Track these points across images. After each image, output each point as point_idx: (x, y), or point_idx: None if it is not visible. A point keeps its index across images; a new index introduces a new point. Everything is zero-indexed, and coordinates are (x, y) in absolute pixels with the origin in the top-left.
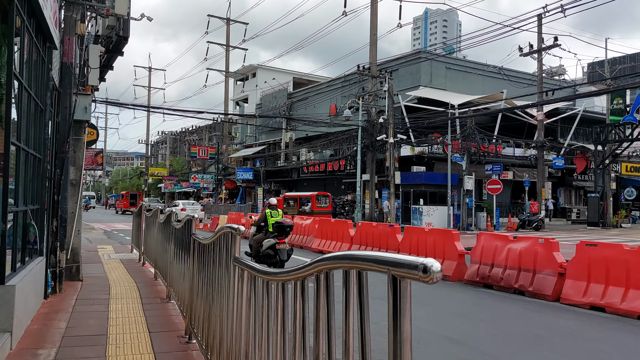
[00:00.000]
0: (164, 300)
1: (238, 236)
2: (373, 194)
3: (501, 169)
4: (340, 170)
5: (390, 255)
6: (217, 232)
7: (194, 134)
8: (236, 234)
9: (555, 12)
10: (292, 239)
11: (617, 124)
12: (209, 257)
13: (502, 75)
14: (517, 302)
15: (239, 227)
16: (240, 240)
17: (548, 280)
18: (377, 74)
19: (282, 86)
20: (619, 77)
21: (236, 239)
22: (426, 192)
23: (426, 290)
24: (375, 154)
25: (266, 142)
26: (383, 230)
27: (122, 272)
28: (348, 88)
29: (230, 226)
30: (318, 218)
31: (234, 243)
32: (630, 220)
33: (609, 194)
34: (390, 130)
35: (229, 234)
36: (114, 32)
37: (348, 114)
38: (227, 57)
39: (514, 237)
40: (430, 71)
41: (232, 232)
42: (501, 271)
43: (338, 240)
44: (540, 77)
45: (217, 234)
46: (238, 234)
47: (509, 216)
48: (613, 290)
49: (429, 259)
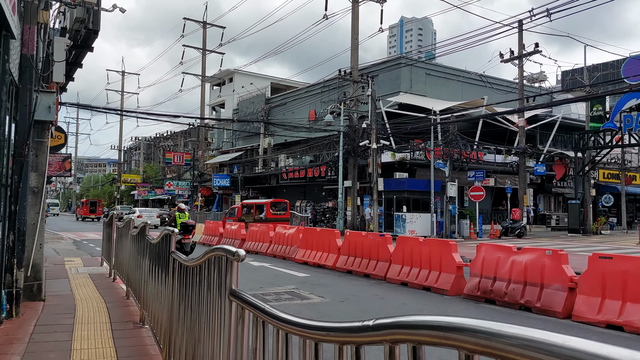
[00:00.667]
0: (137, 325)
1: (236, 262)
2: (355, 200)
3: (484, 175)
4: (320, 177)
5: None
6: (207, 253)
7: (168, 140)
8: (233, 259)
9: (540, 16)
10: (273, 249)
11: (597, 130)
12: (195, 282)
13: (482, 81)
14: (528, 320)
15: (237, 250)
16: (238, 265)
17: (558, 295)
18: (358, 78)
19: (260, 91)
20: (597, 84)
21: (233, 267)
22: (409, 199)
23: (426, 307)
24: (357, 160)
25: (243, 148)
26: (373, 240)
27: (91, 289)
28: (327, 93)
29: (226, 249)
30: (273, 225)
31: (230, 271)
32: (609, 227)
33: (588, 200)
34: (373, 135)
35: (222, 258)
36: (83, 25)
37: (329, 119)
38: (204, 61)
39: (517, 248)
40: (410, 77)
41: (227, 257)
42: (505, 285)
43: (324, 251)
44: (521, 84)
45: (206, 255)
46: (236, 260)
47: (491, 223)
48: (631, 307)
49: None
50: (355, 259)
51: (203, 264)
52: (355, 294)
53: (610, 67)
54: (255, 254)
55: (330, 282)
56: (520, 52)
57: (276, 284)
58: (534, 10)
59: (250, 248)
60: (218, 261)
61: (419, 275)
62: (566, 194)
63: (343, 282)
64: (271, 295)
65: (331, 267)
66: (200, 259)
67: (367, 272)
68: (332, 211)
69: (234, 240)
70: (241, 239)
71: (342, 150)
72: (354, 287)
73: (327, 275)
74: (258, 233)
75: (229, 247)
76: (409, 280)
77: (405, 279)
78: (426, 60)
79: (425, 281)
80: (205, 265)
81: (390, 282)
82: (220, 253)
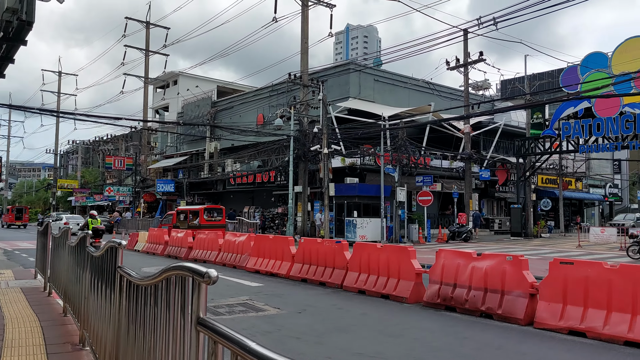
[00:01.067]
0: (76, 347)
1: (205, 285)
2: (305, 206)
3: (431, 180)
4: (270, 182)
5: None
6: (165, 272)
7: (109, 144)
8: (202, 282)
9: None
10: (223, 258)
11: (537, 137)
12: (149, 304)
13: (429, 88)
14: (490, 327)
15: (208, 271)
16: (207, 288)
17: (519, 302)
18: (308, 83)
19: (206, 94)
20: (537, 92)
21: (201, 291)
22: (360, 204)
23: (387, 316)
24: (307, 164)
25: (188, 152)
26: (329, 247)
27: (23, 305)
28: (276, 97)
29: (192, 268)
30: (207, 231)
31: (198, 296)
32: (548, 230)
33: (529, 205)
34: (324, 140)
35: (186, 279)
36: (15, 16)
37: (279, 122)
38: (147, 62)
39: (477, 254)
40: (359, 83)
41: (192, 278)
42: (465, 292)
43: (277, 259)
44: (467, 91)
45: (164, 274)
46: (206, 283)
47: (439, 227)
48: (594, 313)
49: None
50: (311, 267)
51: (160, 284)
52: (312, 304)
53: (549, 76)
54: (203, 263)
55: (285, 292)
56: (465, 60)
57: (228, 295)
58: (481, 18)
59: (197, 256)
60: (181, 282)
61: (376, 283)
62: (508, 198)
63: (298, 291)
64: (223, 307)
65: (285, 276)
66: (156, 277)
67: (323, 280)
68: (282, 217)
69: (180, 249)
70: (188, 247)
71: (293, 155)
72: (311, 296)
73: (281, 284)
74: (206, 241)
75: (196, 266)
76: (367, 288)
77: (362, 287)
78: (374, 67)
79: (383, 289)
80: (163, 286)
81: (347, 290)
82: (184, 273)
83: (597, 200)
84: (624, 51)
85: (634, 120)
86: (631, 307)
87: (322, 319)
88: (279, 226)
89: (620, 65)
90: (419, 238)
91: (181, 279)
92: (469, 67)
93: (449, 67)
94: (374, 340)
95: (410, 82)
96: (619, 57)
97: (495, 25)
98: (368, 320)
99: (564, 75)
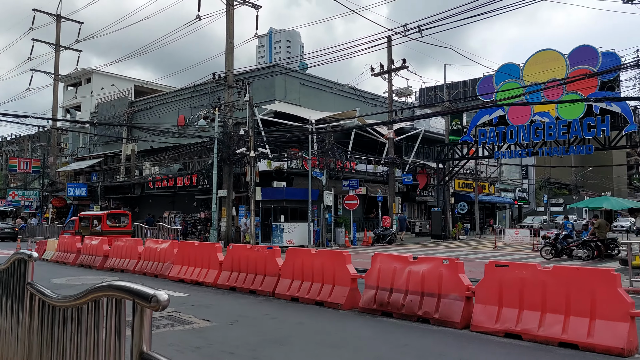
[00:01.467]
0: None
1: (148, 310)
2: (230, 211)
3: (357, 184)
4: (192, 186)
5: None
6: (92, 292)
7: (13, 144)
8: (147, 307)
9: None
10: (143, 267)
11: (456, 143)
12: (70, 330)
13: (355, 94)
14: (427, 332)
15: (156, 294)
16: (152, 314)
17: (455, 305)
18: (233, 84)
19: (123, 94)
20: (455, 100)
21: (144, 318)
22: (287, 208)
23: (325, 325)
24: (232, 168)
25: (103, 154)
26: (260, 253)
27: None
28: (198, 98)
29: (134, 289)
30: (112, 237)
31: (141, 325)
32: (464, 232)
33: (448, 208)
34: (251, 142)
35: (122, 301)
36: None
37: (203, 124)
38: (57, 58)
39: (414, 257)
40: (285, 86)
41: (134, 302)
42: (402, 297)
43: (204, 267)
44: (390, 97)
45: (90, 295)
46: (152, 308)
47: (364, 231)
48: (528, 315)
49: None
50: (240, 275)
51: (86, 307)
52: (244, 315)
53: (466, 85)
54: (120, 272)
55: (213, 302)
56: (389, 67)
57: None
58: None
59: (114, 265)
60: (116, 306)
61: (310, 290)
62: (428, 202)
63: (228, 300)
64: None
65: (212, 285)
66: (80, 298)
67: (253, 288)
68: (205, 222)
69: (94, 257)
70: (104, 255)
71: (217, 158)
72: (241, 306)
73: (209, 293)
74: (124, 248)
75: (138, 286)
76: (300, 295)
77: (296, 294)
78: (300, 70)
79: (317, 295)
80: (90, 309)
81: (279, 298)
82: (121, 295)
83: (508, 204)
84: (534, 63)
85: (544, 128)
86: (564, 308)
87: (256, 330)
88: (201, 232)
89: (531, 76)
90: (346, 241)
91: (115, 302)
92: (392, 74)
93: (373, 73)
94: (313, 352)
95: (335, 87)
96: (530, 68)
97: (420, 32)
98: (305, 330)
99: (480, 84)
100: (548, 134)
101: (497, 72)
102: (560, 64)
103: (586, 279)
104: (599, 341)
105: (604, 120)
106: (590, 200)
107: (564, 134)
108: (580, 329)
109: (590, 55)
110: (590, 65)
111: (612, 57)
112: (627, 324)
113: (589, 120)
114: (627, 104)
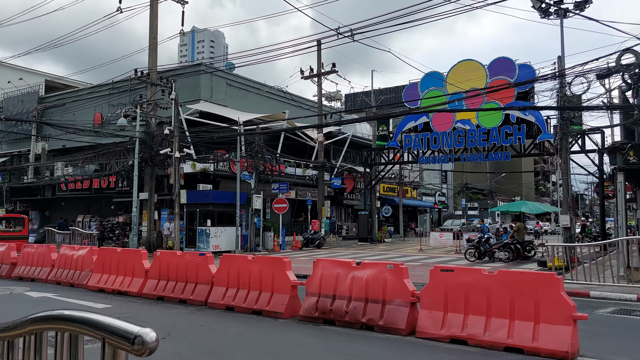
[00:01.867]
0: None
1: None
2: (152, 214)
3: (287, 188)
4: (110, 188)
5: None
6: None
7: None
8: (129, 351)
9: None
10: (57, 275)
11: (382, 148)
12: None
13: (283, 96)
14: (371, 340)
15: (140, 332)
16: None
17: (400, 311)
18: (157, 81)
19: (32, 88)
20: (382, 106)
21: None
22: (214, 212)
23: (265, 336)
24: (154, 169)
25: (9, 153)
26: (191, 260)
27: None
28: (117, 96)
29: (103, 323)
30: (13, 243)
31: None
32: (389, 235)
33: (374, 212)
34: (176, 143)
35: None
36: None
37: (123, 122)
38: None
39: (357, 263)
40: (211, 86)
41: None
42: (345, 304)
43: (127, 275)
44: (320, 101)
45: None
46: (135, 352)
47: (293, 235)
48: (474, 320)
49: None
50: (168, 283)
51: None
52: (177, 326)
53: (392, 91)
54: (31, 282)
55: (140, 313)
56: (319, 70)
57: None
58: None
59: (24, 274)
60: (72, 343)
61: (247, 298)
62: (355, 205)
63: (156, 311)
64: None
65: (137, 294)
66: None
67: (184, 298)
68: (123, 227)
69: (0, 265)
70: (11, 262)
71: (138, 159)
72: (172, 316)
73: (134, 304)
74: (35, 255)
75: (112, 320)
76: (236, 304)
77: (231, 303)
78: (226, 70)
79: (255, 304)
80: (30, 345)
81: (213, 307)
82: (86, 331)
83: (429, 208)
84: (457, 72)
85: (465, 135)
86: (509, 312)
87: (191, 343)
88: (119, 237)
89: (454, 84)
90: (274, 246)
91: (71, 338)
92: (322, 78)
93: (303, 76)
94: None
95: (263, 89)
96: (453, 77)
97: (352, 37)
98: (244, 342)
99: (406, 91)
100: (469, 140)
101: (422, 80)
102: (480, 74)
103: (530, 283)
104: (544, 345)
105: (520, 128)
106: (510, 205)
107: (483, 141)
108: (525, 333)
109: (508, 66)
110: (508, 76)
111: (528, 69)
112: (570, 327)
113: (506, 128)
114: (540, 114)
